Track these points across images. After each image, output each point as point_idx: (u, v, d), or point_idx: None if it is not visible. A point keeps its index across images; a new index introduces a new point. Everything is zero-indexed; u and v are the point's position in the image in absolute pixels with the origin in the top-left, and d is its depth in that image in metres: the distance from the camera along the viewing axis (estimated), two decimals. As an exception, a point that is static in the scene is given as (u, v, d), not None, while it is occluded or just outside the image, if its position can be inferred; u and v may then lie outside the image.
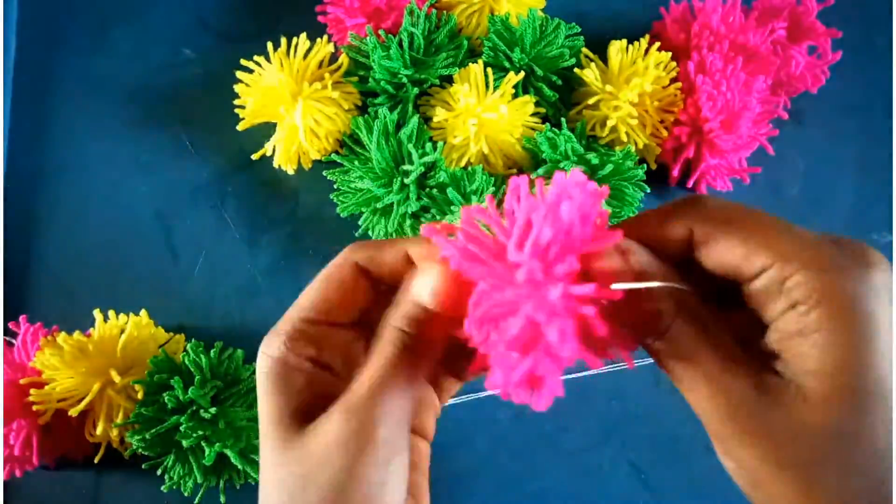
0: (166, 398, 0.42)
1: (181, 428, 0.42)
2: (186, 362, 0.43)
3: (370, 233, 0.51)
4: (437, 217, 0.48)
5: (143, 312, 0.48)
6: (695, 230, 0.22)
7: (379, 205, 0.49)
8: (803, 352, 0.20)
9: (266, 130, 0.52)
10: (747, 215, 0.22)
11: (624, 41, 0.52)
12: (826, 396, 0.19)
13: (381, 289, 0.26)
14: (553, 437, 0.50)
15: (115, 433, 0.44)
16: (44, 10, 0.58)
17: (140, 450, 0.43)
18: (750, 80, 0.50)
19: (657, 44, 0.52)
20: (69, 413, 0.43)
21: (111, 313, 0.47)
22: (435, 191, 0.48)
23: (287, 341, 0.24)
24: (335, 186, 0.51)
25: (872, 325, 0.19)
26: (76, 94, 0.56)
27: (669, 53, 0.51)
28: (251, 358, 0.48)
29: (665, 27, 0.55)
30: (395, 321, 0.24)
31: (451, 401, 0.30)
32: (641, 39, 0.52)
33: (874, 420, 0.19)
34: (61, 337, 0.44)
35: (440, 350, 0.24)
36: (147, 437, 0.42)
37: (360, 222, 0.51)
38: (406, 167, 0.48)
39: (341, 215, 0.50)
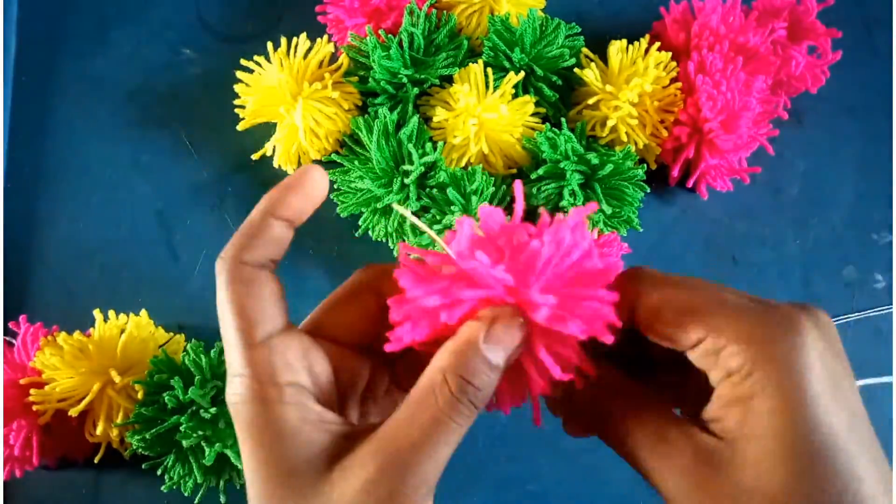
0: (166, 398, 0.42)
1: (181, 428, 0.42)
2: (186, 362, 0.43)
3: (370, 233, 0.51)
4: (438, 217, 0.48)
5: (143, 312, 0.48)
6: (635, 308, 0.23)
7: (379, 205, 0.49)
8: (741, 418, 0.20)
9: (266, 130, 0.52)
10: (681, 287, 0.22)
11: (624, 41, 0.52)
12: (765, 461, 0.19)
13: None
14: (553, 437, 0.49)
15: (115, 433, 0.44)
16: (44, 10, 0.58)
17: (140, 450, 0.43)
18: (750, 80, 0.50)
19: (657, 44, 0.52)
20: (69, 413, 0.43)
21: (111, 313, 0.47)
22: (435, 191, 0.48)
23: (249, 375, 0.22)
24: (335, 186, 0.51)
25: (806, 389, 0.19)
26: (76, 94, 0.56)
27: (669, 53, 0.51)
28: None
29: (665, 27, 0.55)
30: (455, 369, 0.22)
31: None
32: (641, 39, 0.52)
33: (821, 482, 0.19)
34: (61, 337, 0.44)
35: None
36: (147, 437, 0.42)
37: (360, 222, 0.51)
38: (406, 167, 0.48)
39: (341, 215, 0.50)
